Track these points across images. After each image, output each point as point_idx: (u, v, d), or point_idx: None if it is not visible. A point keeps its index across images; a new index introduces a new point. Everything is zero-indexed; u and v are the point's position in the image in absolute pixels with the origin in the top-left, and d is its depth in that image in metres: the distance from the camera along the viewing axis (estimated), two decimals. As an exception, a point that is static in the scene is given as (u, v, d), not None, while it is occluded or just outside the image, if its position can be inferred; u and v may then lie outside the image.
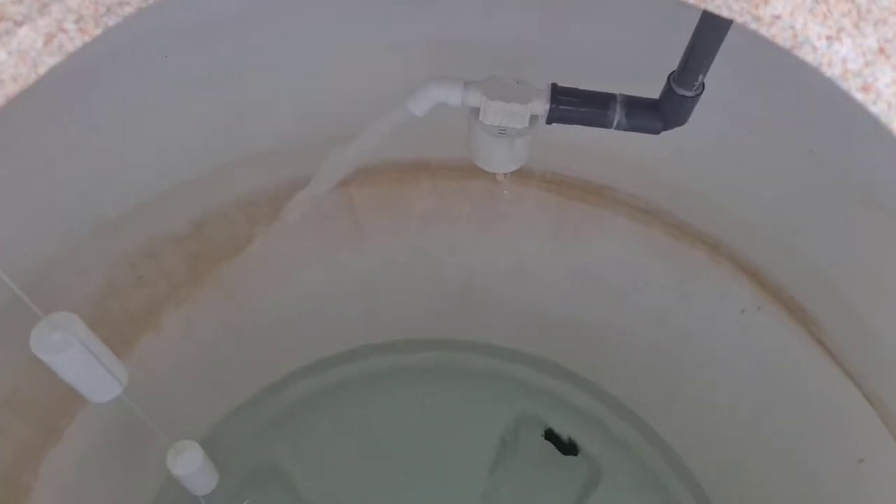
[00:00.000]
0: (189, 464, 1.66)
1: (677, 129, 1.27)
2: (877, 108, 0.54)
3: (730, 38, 1.02)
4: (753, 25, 0.57)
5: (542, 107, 1.23)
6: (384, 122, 1.30)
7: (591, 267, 2.05)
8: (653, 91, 1.24)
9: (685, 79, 1.14)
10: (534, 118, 1.25)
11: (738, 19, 0.57)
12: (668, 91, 1.18)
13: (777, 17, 0.55)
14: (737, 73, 1.25)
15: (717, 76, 1.16)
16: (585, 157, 1.78)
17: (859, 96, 0.54)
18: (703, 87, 1.17)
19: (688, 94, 1.16)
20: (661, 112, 1.22)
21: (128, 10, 0.53)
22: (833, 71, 0.55)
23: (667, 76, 1.18)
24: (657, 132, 1.25)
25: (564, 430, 2.43)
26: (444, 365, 2.45)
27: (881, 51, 0.53)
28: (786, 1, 0.54)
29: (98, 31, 0.53)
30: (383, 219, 1.98)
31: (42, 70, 0.53)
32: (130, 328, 1.81)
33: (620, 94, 1.24)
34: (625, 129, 1.25)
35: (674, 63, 1.15)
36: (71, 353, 1.26)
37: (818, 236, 1.51)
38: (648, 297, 2.01)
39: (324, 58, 1.50)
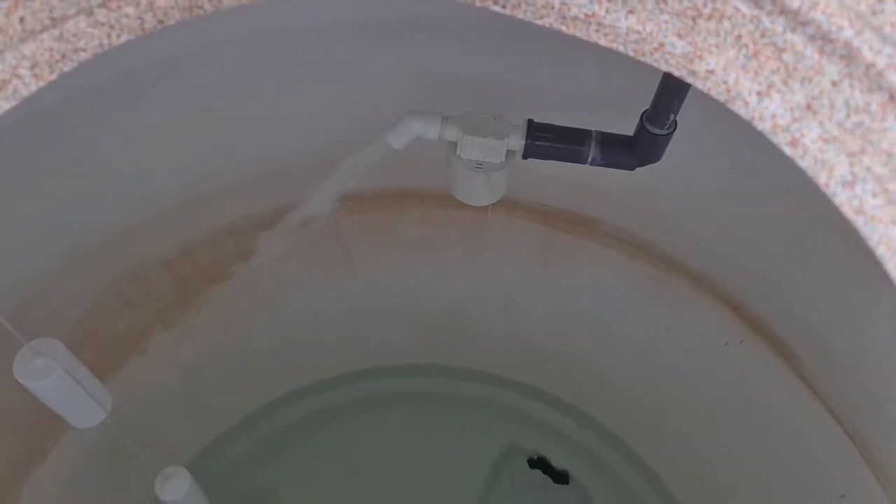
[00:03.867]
0: (177, 489, 1.63)
1: (661, 164, 1.28)
2: (804, 163, 0.55)
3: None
4: (689, 79, 0.58)
5: (518, 142, 1.24)
6: (364, 155, 1.31)
7: (578, 297, 2.05)
8: (631, 128, 1.25)
9: (657, 117, 1.15)
10: (510, 153, 1.26)
11: (675, 73, 0.59)
12: (641, 129, 1.19)
13: (711, 72, 0.57)
14: (714, 110, 1.26)
15: (695, 113, 1.17)
16: (573, 189, 1.79)
17: (788, 150, 0.56)
18: (676, 126, 1.18)
19: (660, 132, 1.17)
20: (636, 149, 1.23)
21: (83, 56, 0.55)
22: (764, 125, 0.56)
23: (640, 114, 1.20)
24: (632, 168, 1.26)
25: (553, 459, 2.42)
26: (432, 391, 2.45)
27: (808, 107, 0.54)
28: (719, 57, 0.56)
29: (53, 77, 0.55)
30: (371, 246, 1.99)
31: (-6, 113, 0.55)
32: (117, 351, 1.82)
33: (596, 131, 1.25)
34: (600, 165, 1.26)
35: (650, 100, 1.17)
36: (53, 379, 1.26)
37: (797, 273, 1.51)
38: (635, 329, 2.01)
39: (310, 89, 1.53)
